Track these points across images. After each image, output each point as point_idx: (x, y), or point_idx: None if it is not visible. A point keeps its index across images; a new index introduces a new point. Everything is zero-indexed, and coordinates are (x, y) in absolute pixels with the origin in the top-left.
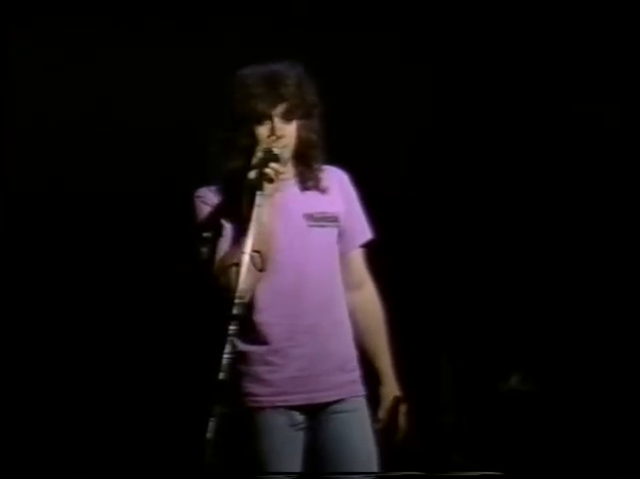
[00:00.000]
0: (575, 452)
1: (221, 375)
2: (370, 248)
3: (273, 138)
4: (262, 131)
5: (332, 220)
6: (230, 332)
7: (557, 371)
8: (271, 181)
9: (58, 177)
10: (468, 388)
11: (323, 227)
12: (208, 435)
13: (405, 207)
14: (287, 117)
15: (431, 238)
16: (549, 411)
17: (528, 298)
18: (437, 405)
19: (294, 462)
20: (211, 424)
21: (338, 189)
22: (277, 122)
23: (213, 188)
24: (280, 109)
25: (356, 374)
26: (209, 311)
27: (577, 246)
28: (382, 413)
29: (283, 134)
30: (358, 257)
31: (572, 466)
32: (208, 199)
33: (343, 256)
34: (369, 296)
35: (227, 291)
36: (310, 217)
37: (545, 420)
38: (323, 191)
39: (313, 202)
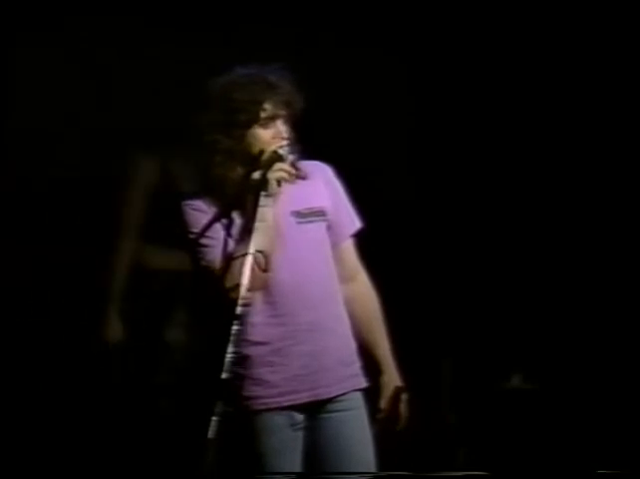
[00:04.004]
0: (576, 451)
1: (224, 375)
2: (372, 250)
3: (279, 141)
4: (266, 134)
5: (320, 214)
6: (233, 333)
7: (559, 370)
8: (282, 182)
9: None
10: (469, 387)
11: (312, 222)
12: (210, 436)
13: (407, 209)
14: (288, 120)
15: (432, 237)
16: (551, 410)
17: (530, 298)
18: (439, 405)
19: (294, 462)
20: (213, 425)
21: (322, 182)
22: (280, 124)
23: (201, 194)
24: (284, 112)
25: (357, 367)
26: (213, 311)
27: (577, 247)
28: (383, 402)
29: (286, 136)
30: (349, 248)
31: (573, 465)
32: (199, 206)
33: (334, 248)
34: (363, 287)
35: (231, 293)
36: (297, 213)
37: (547, 419)
38: (307, 186)
39: (298, 198)
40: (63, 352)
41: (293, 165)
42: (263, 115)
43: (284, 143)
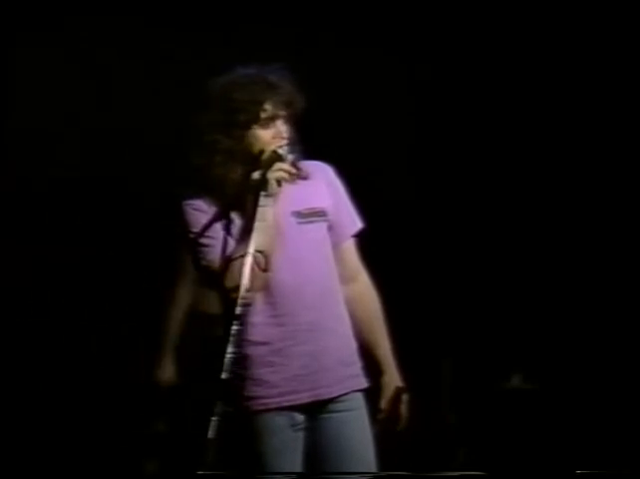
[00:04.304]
0: (576, 451)
1: (224, 375)
2: (373, 250)
3: (279, 141)
4: (266, 134)
5: (321, 214)
6: (233, 333)
7: (559, 370)
8: (282, 182)
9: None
10: (469, 387)
11: (312, 222)
12: (210, 436)
13: (408, 209)
14: (288, 120)
15: (432, 237)
16: (551, 410)
17: (529, 298)
18: (439, 405)
19: (295, 462)
20: (213, 425)
21: (324, 183)
22: (280, 125)
23: (201, 194)
24: (284, 113)
25: (357, 367)
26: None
27: (577, 247)
28: (384, 403)
29: (286, 136)
30: (351, 248)
31: (573, 465)
32: (199, 206)
33: (335, 249)
34: (364, 287)
35: (232, 293)
36: (298, 214)
37: (547, 419)
38: (308, 186)
39: (299, 198)
40: (58, 348)
41: (294, 165)
42: (263, 115)
43: (284, 143)
